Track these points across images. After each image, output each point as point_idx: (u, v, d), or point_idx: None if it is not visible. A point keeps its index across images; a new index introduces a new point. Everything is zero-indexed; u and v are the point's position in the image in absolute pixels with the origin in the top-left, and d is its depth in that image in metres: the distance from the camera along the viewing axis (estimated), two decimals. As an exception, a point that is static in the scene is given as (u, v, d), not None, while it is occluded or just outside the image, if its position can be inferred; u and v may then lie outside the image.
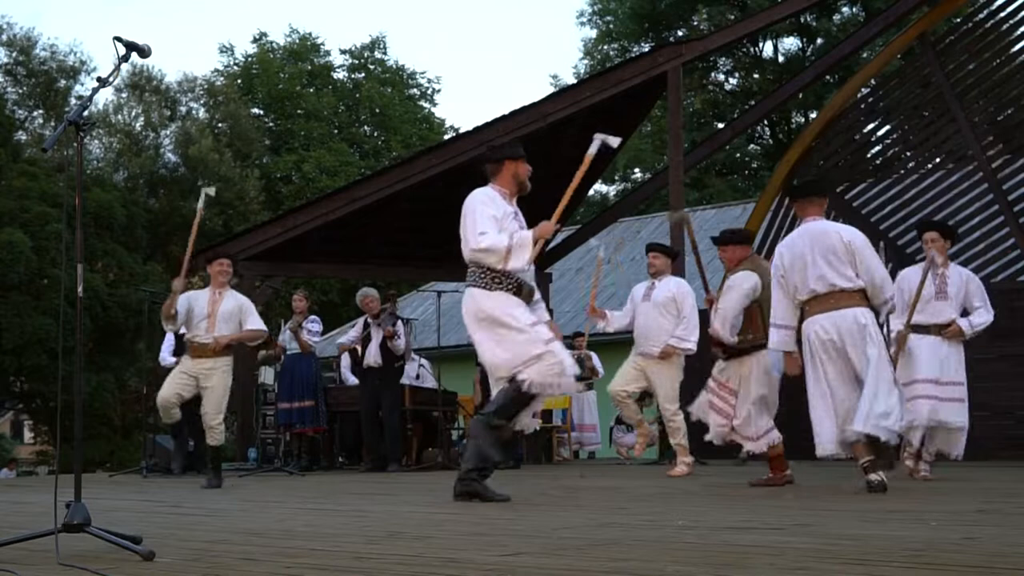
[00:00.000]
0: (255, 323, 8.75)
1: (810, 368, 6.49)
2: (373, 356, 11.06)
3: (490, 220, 5.91)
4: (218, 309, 8.53)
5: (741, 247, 7.63)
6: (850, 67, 21.72)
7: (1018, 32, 12.84)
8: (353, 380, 12.11)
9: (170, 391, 8.50)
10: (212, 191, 8.56)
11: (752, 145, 32.13)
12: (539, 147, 13.99)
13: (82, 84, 29.18)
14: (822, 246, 6.43)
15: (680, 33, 30.04)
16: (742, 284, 7.37)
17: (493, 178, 6.14)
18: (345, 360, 12.50)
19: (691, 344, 9.00)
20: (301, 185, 32.91)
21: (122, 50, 3.99)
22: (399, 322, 11.23)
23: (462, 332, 20.61)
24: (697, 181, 29.05)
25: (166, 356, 11.51)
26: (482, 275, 5.99)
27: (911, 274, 7.86)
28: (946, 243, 7.76)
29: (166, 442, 11.90)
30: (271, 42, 38.22)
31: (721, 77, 32.48)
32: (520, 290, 5.99)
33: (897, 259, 12.47)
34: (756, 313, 7.35)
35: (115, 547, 3.65)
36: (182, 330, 8.85)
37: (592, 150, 6.25)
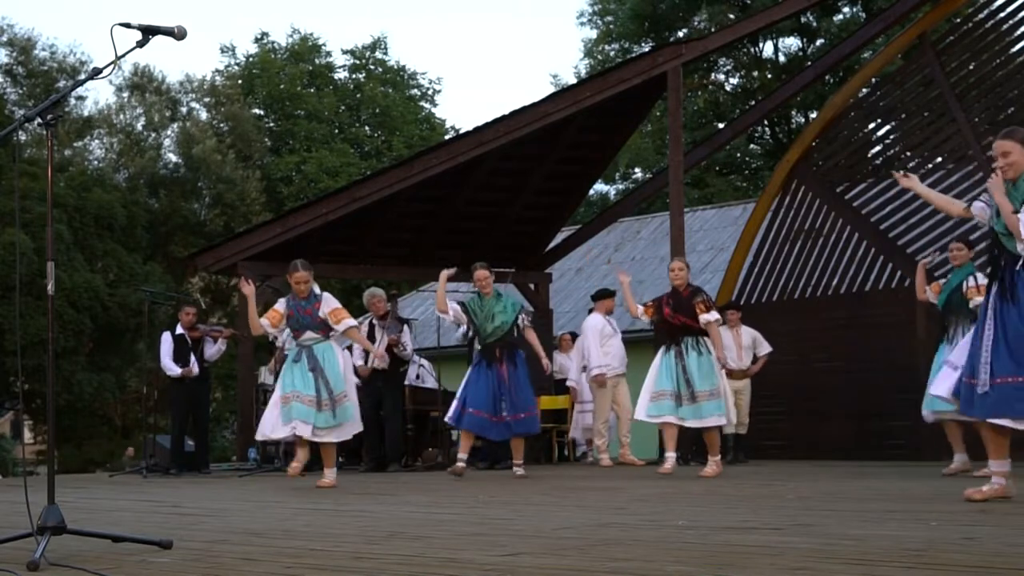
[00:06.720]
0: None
1: None
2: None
3: None
4: None
5: None
6: (850, 67, 21.68)
7: (1018, 32, 12.81)
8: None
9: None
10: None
11: (752, 145, 32.07)
12: (539, 147, 14.04)
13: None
14: None
15: (681, 33, 30.00)
16: None
17: None
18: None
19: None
20: (302, 185, 32.85)
21: (138, 35, 3.99)
22: (404, 326, 11.22)
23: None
24: (697, 181, 29.00)
25: (168, 363, 11.36)
26: None
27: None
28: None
29: (166, 442, 11.89)
30: (273, 42, 38.18)
31: (721, 77, 32.45)
32: None
33: (897, 260, 12.46)
34: None
35: (115, 548, 3.65)
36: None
37: None
